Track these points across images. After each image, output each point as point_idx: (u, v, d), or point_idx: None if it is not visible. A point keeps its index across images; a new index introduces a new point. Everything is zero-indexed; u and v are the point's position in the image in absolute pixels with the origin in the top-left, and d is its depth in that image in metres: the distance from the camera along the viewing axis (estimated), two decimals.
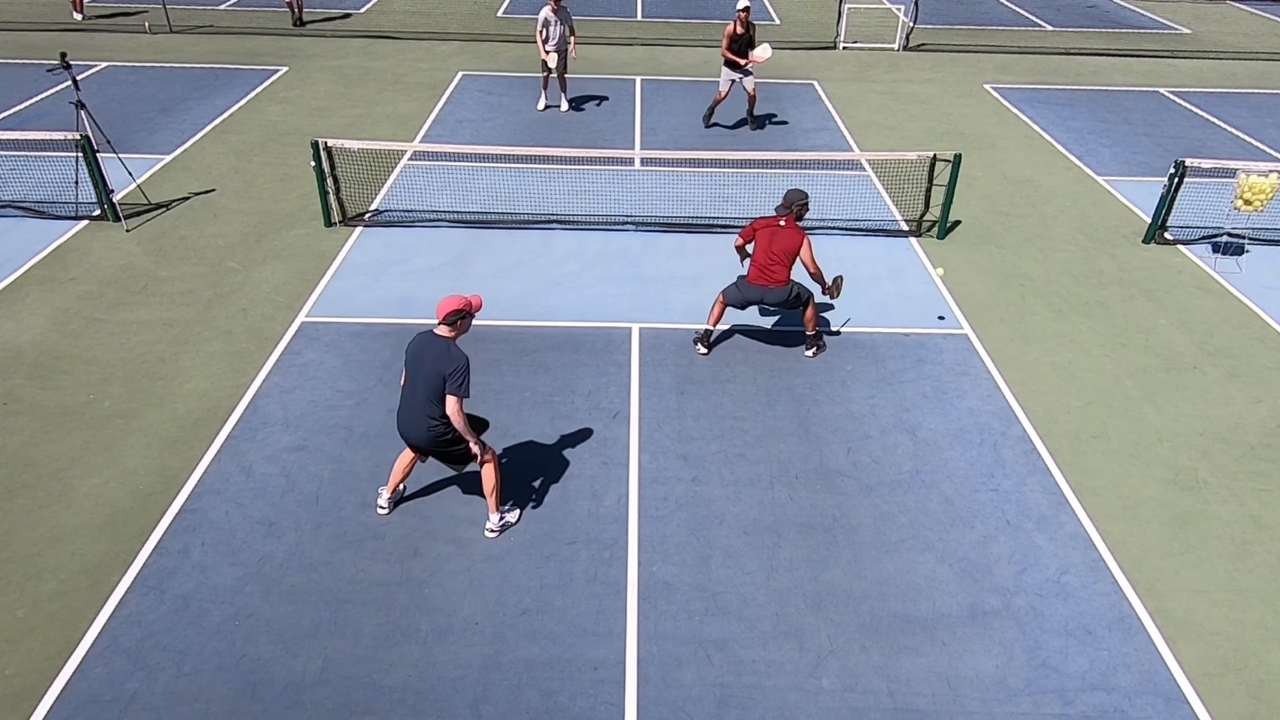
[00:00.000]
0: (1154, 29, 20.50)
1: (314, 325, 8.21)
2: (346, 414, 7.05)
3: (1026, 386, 7.64)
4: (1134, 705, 4.98)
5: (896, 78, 16.12)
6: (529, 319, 8.39)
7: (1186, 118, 14.53)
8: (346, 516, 6.07)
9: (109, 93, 14.05)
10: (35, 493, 6.21)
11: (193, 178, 11.16)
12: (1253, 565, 5.94)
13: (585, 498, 6.32)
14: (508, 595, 5.54)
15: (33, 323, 8.12)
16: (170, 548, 5.80)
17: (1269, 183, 9.13)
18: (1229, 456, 6.91)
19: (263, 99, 14.00)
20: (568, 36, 13.21)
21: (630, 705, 4.90)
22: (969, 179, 11.61)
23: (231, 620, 5.30)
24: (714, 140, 12.90)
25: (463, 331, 5.35)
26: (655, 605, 5.50)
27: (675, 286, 9.01)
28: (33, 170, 11.06)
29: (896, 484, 6.52)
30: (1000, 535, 6.10)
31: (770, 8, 21.42)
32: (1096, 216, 10.84)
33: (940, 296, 8.99)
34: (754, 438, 6.94)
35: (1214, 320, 8.71)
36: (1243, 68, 17.55)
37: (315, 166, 9.66)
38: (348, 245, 9.64)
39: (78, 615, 5.32)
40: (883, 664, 5.18)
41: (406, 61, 16.13)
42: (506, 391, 7.37)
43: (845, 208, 10.82)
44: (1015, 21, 20.73)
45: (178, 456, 6.57)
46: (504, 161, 11.76)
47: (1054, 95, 15.44)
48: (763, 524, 6.14)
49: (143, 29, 17.52)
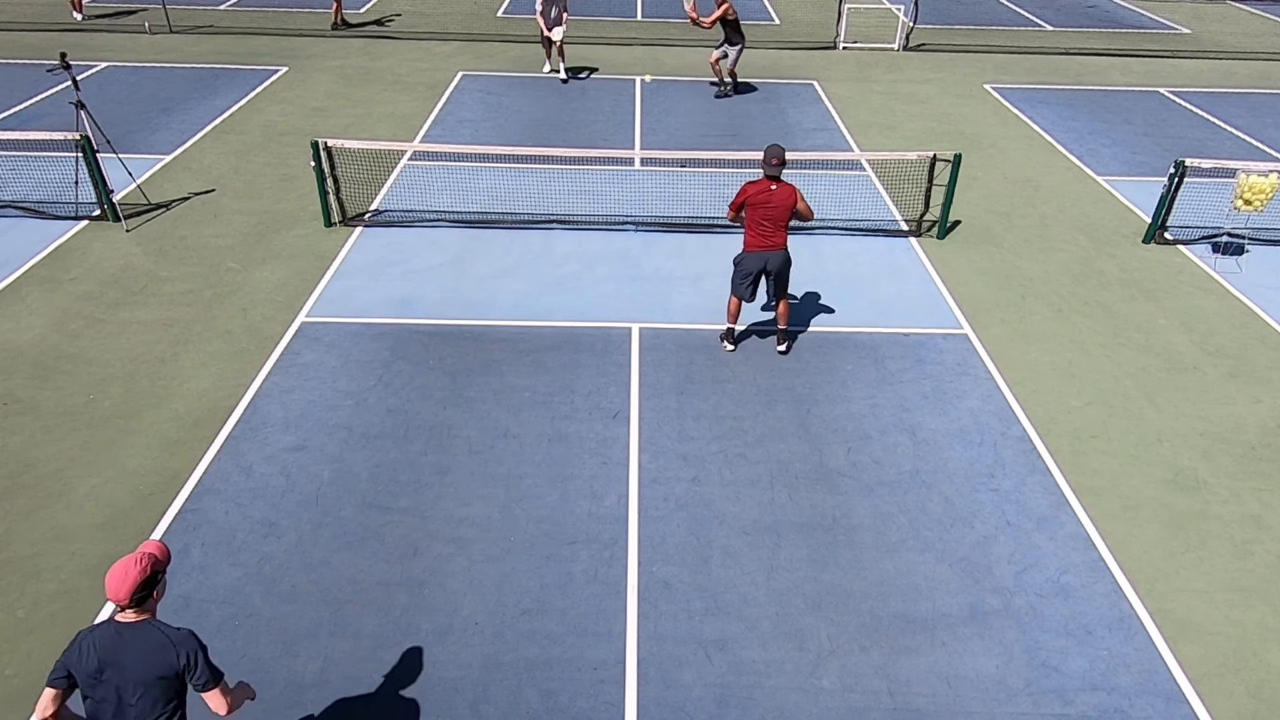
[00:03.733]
0: (1154, 29, 20.50)
1: (314, 325, 8.21)
2: (346, 414, 7.05)
3: (1026, 386, 7.64)
4: (1134, 705, 4.98)
5: (896, 78, 16.12)
6: (529, 319, 8.39)
7: (1186, 118, 14.53)
8: (346, 516, 6.07)
9: (109, 93, 14.05)
10: (35, 493, 6.21)
11: (193, 178, 11.16)
12: (1253, 565, 5.94)
13: (585, 498, 6.32)
14: (508, 595, 5.54)
15: (33, 323, 8.12)
16: (170, 548, 5.78)
17: (1269, 183, 9.13)
18: (1229, 456, 6.91)
19: (263, 99, 14.00)
20: (561, 14, 14.87)
21: (630, 705, 4.90)
22: (969, 179, 11.60)
23: (231, 620, 5.30)
24: (714, 140, 12.90)
25: (160, 599, 3.67)
26: (655, 605, 5.50)
27: (675, 286, 9.01)
28: (33, 170, 11.06)
29: (896, 484, 6.52)
30: (1000, 535, 6.10)
31: (770, 8, 21.42)
32: (1096, 216, 10.84)
33: (940, 296, 8.98)
34: (754, 438, 6.94)
35: (1214, 320, 8.71)
36: (1243, 68, 17.55)
37: (315, 166, 9.66)
38: (348, 245, 9.64)
39: (78, 615, 5.32)
40: (883, 664, 5.18)
41: (406, 61, 16.13)
42: (506, 391, 7.37)
43: (845, 208, 10.81)
44: (1015, 21, 20.73)
45: (178, 456, 6.57)
46: (504, 161, 11.76)
47: (1054, 95, 15.44)
48: (763, 524, 6.14)
49: (143, 29, 17.52)
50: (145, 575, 3.52)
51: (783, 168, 7.30)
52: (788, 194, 7.35)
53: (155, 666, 3.60)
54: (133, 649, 3.59)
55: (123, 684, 3.63)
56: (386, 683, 4.99)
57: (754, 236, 7.47)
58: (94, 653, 3.59)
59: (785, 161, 7.31)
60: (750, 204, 7.38)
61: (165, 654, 3.59)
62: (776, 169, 7.28)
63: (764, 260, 7.50)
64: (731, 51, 14.23)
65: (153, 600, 3.60)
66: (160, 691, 3.66)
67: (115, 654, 3.58)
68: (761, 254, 7.48)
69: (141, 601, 3.55)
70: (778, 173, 7.30)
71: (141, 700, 3.66)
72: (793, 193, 7.37)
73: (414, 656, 5.13)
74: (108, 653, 3.59)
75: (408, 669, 5.07)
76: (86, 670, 3.60)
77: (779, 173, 7.30)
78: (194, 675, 3.63)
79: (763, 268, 7.54)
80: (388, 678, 5.02)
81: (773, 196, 7.32)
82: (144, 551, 3.56)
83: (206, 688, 3.66)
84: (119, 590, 3.49)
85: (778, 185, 7.32)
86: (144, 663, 3.60)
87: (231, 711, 3.75)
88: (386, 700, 4.89)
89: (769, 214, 7.34)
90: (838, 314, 8.64)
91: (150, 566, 3.54)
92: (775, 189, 7.32)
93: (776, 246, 7.46)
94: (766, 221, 7.36)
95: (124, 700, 3.67)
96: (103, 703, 3.68)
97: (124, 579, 3.49)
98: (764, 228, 7.39)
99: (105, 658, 3.59)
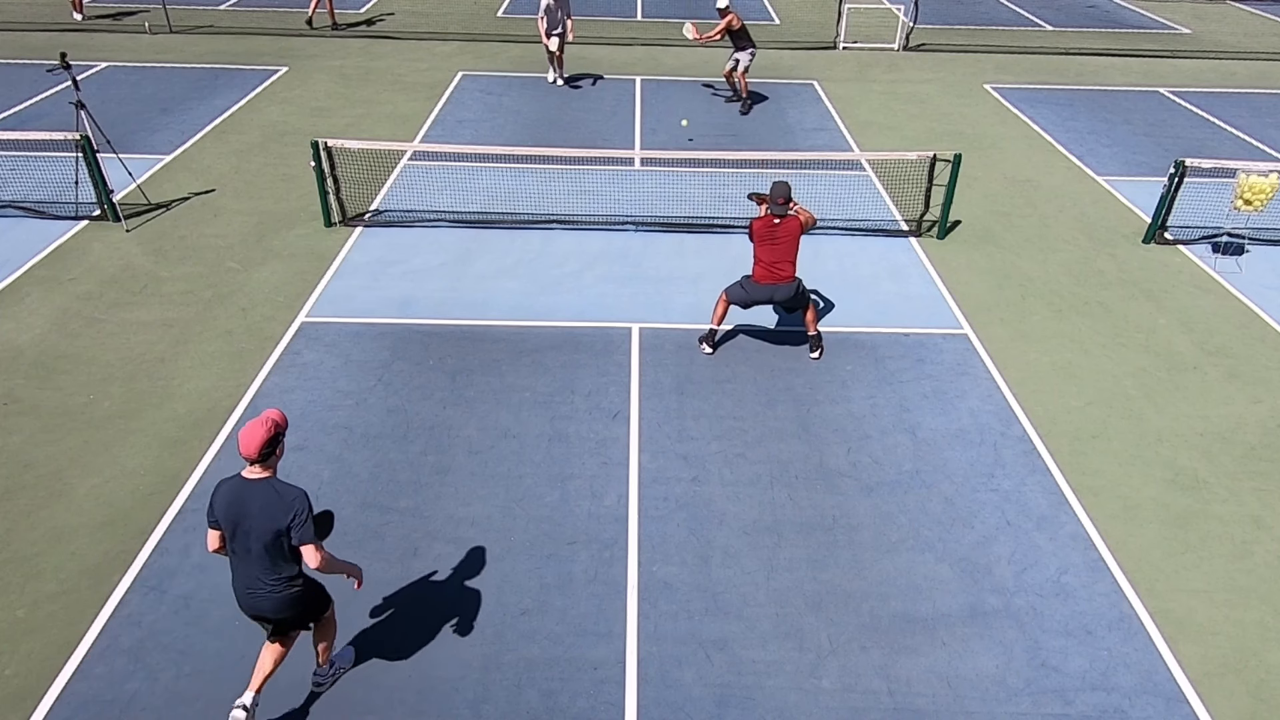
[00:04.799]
0: (1154, 29, 20.50)
1: (314, 325, 8.21)
2: (346, 414, 7.05)
3: (1026, 386, 7.64)
4: (1134, 705, 4.98)
5: (896, 78, 16.12)
6: (529, 319, 8.39)
7: (1186, 118, 14.53)
8: (346, 516, 6.07)
9: (109, 93, 14.05)
10: (35, 493, 6.21)
11: (193, 178, 11.16)
12: (1253, 565, 5.94)
13: (585, 498, 6.32)
14: (508, 595, 5.54)
15: (33, 323, 8.12)
16: (170, 547, 5.79)
17: (1269, 183, 9.13)
18: (1229, 456, 6.91)
19: (263, 99, 14.00)
20: (565, 21, 14.37)
21: (630, 705, 4.90)
22: (969, 179, 11.60)
23: (231, 620, 5.30)
24: (714, 140, 12.90)
25: (280, 458, 4.22)
26: (655, 605, 5.50)
27: (675, 286, 9.01)
28: (33, 170, 11.06)
29: (896, 484, 6.52)
30: (1000, 535, 6.10)
31: (770, 8, 21.42)
32: (1096, 216, 10.84)
33: (940, 296, 8.98)
34: (754, 438, 6.94)
35: (1214, 320, 8.71)
36: (1243, 68, 17.55)
37: (315, 166, 9.66)
38: (348, 245, 9.64)
39: (78, 615, 5.32)
40: (883, 664, 5.18)
41: (406, 61, 16.13)
42: (506, 391, 7.37)
43: (845, 208, 10.81)
44: (1015, 21, 20.73)
45: (178, 456, 6.57)
46: (504, 161, 11.76)
47: (1054, 95, 15.43)
48: (763, 524, 6.14)
49: (143, 29, 17.52)
50: (270, 434, 4.06)
51: (788, 205, 7.43)
52: (793, 225, 7.45)
53: (270, 520, 4.09)
54: (253, 503, 4.10)
55: (249, 535, 4.16)
56: (386, 683, 4.99)
57: (762, 270, 7.54)
58: (223, 502, 4.16)
59: (790, 200, 7.44)
60: (758, 240, 7.49)
61: (277, 510, 4.09)
62: (782, 207, 7.40)
63: (771, 292, 7.58)
64: (743, 57, 13.71)
65: (275, 458, 4.15)
66: (277, 549, 4.17)
67: (240, 505, 4.12)
68: (769, 286, 7.56)
69: (266, 458, 4.09)
70: (783, 211, 7.42)
71: (264, 553, 4.17)
72: (797, 222, 7.47)
73: (414, 656, 5.14)
74: (234, 504, 4.13)
75: (408, 669, 5.07)
76: (221, 513, 4.17)
77: (784, 211, 7.42)
78: (296, 529, 4.11)
79: (770, 297, 7.62)
80: (388, 678, 5.02)
81: (778, 231, 7.42)
82: (268, 416, 4.10)
83: (301, 542, 4.13)
84: (249, 446, 4.04)
85: (782, 220, 7.44)
86: (261, 516, 4.10)
87: (326, 567, 4.21)
88: (386, 700, 4.89)
89: (775, 252, 7.44)
90: (838, 314, 8.64)
91: (274, 428, 4.09)
92: (779, 224, 7.43)
93: (785, 279, 7.52)
94: (774, 260, 7.45)
95: (252, 551, 4.19)
96: (238, 552, 4.24)
97: (253, 437, 4.04)
98: (771, 263, 7.48)
99: (233, 508, 4.13)
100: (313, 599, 4.51)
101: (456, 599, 5.50)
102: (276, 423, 4.10)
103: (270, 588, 4.28)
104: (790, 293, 7.55)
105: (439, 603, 5.48)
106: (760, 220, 7.50)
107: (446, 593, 5.55)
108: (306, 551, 4.15)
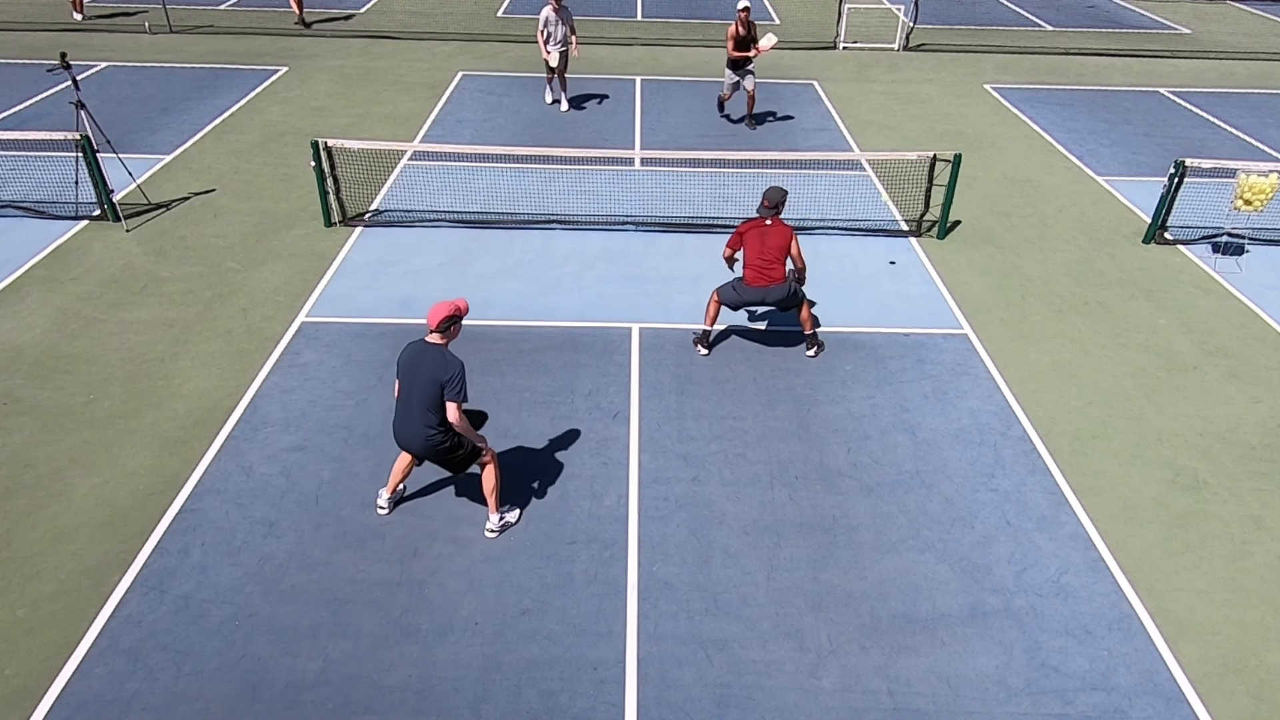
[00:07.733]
0: (1154, 29, 20.50)
1: (314, 325, 8.21)
2: (346, 414, 7.05)
3: (1026, 386, 7.64)
4: (1134, 705, 4.98)
5: (896, 78, 16.12)
6: (529, 319, 8.39)
7: (1186, 118, 14.53)
8: (346, 516, 6.07)
9: (109, 93, 14.05)
10: (35, 493, 6.21)
11: (193, 178, 11.16)
12: (1253, 565, 5.94)
13: (585, 498, 6.32)
14: (508, 595, 5.54)
15: (33, 323, 8.12)
16: (170, 548, 5.80)
17: (1269, 183, 9.13)
18: (1229, 456, 6.91)
19: (263, 99, 14.00)
20: (569, 36, 13.37)
21: (630, 705, 4.90)
22: (969, 179, 11.61)
23: (231, 620, 5.30)
24: (714, 140, 12.90)
25: (454, 337, 5.44)
26: (655, 605, 5.51)
27: (675, 286, 9.01)
28: (33, 170, 11.06)
29: (896, 484, 6.52)
30: (1000, 535, 6.10)
31: (770, 8, 21.43)
32: (1096, 216, 10.84)
33: (940, 296, 8.99)
34: (754, 438, 6.94)
35: (1214, 320, 8.71)
36: (1243, 68, 17.55)
37: (315, 166, 9.66)
38: (348, 245, 9.64)
39: (78, 615, 5.32)
40: (883, 664, 5.18)
41: (406, 61, 16.13)
42: (506, 391, 7.37)
43: (845, 208, 10.81)
44: (1015, 21, 20.73)
45: (178, 456, 6.57)
46: (504, 161, 11.76)
47: (1054, 95, 15.44)
48: (763, 524, 6.14)
49: (143, 29, 17.52)
50: (450, 314, 5.35)
51: (775, 211, 7.46)
52: (783, 233, 7.46)
53: (432, 372, 5.29)
54: (425, 359, 5.35)
55: (414, 385, 5.38)
56: (386, 683, 4.99)
57: (752, 273, 7.52)
58: (406, 356, 5.46)
59: (779, 205, 7.47)
60: (746, 240, 7.50)
61: (440, 367, 5.28)
62: (769, 210, 7.45)
63: (763, 294, 7.56)
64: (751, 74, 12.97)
65: (451, 333, 5.40)
66: (432, 397, 5.33)
67: (417, 360, 5.38)
68: (760, 289, 7.54)
69: (445, 330, 5.36)
70: (770, 214, 7.47)
71: (421, 400, 5.36)
72: (788, 234, 7.48)
73: (414, 656, 5.13)
74: (413, 357, 5.42)
75: (408, 669, 5.07)
76: (402, 367, 5.47)
77: (771, 214, 7.47)
78: (449, 386, 5.28)
79: (761, 300, 7.60)
80: (388, 678, 5.02)
81: (767, 232, 7.44)
82: (455, 303, 5.41)
83: (450, 398, 5.30)
84: (434, 318, 5.33)
85: (773, 222, 7.47)
86: (428, 370, 5.31)
87: (459, 426, 5.39)
88: (387, 700, 4.89)
89: (765, 252, 7.43)
90: (838, 314, 8.64)
91: (455, 310, 5.38)
92: (770, 225, 7.46)
93: (775, 281, 7.50)
94: (762, 260, 7.44)
95: (413, 399, 5.40)
96: (404, 399, 5.47)
97: (438, 312, 5.34)
98: (760, 264, 7.46)
99: (410, 361, 5.42)
100: (447, 451, 5.54)
101: (456, 599, 5.50)
102: (459, 307, 5.38)
103: (419, 430, 5.43)
104: (783, 294, 7.53)
105: (439, 603, 5.48)
106: (749, 222, 7.52)
107: (446, 593, 5.55)
108: (450, 407, 5.30)
